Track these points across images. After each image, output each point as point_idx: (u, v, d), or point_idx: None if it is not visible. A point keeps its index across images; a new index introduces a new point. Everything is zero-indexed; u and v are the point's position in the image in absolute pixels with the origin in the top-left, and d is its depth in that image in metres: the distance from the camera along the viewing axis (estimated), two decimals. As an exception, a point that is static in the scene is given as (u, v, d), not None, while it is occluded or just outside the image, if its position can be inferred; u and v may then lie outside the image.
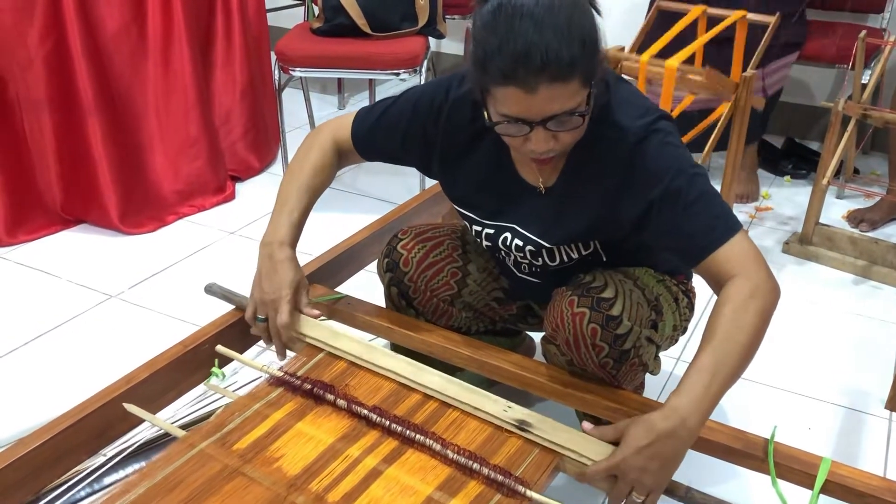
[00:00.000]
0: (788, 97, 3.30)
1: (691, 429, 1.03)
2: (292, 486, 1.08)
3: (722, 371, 1.05)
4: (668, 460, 1.04)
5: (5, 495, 1.14)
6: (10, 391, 1.81)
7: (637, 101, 1.22)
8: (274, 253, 1.33)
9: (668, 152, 1.17)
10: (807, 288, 2.29)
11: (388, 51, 2.59)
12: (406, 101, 1.36)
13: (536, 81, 1.03)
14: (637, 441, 1.04)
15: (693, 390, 1.04)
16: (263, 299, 1.33)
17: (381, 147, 1.40)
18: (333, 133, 1.42)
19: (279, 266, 1.32)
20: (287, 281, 1.32)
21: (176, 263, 2.37)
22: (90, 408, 1.22)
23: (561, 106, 1.06)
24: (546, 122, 1.08)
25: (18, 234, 2.45)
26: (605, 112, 1.19)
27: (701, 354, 1.07)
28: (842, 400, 1.84)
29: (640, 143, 1.16)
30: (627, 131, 1.17)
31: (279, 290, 1.31)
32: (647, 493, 1.05)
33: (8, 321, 2.07)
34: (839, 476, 1.13)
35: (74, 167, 2.45)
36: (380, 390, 1.27)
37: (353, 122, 1.40)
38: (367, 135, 1.39)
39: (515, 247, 1.33)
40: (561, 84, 1.04)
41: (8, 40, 2.25)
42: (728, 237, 1.12)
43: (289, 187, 1.39)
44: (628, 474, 1.04)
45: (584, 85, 1.07)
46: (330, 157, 1.41)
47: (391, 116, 1.36)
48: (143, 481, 1.09)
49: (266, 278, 1.33)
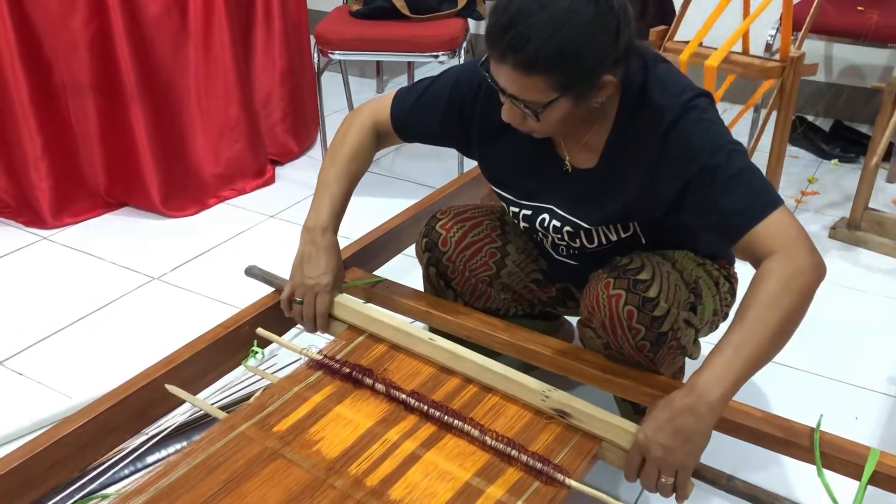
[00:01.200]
0: (836, 78, 3.22)
1: (710, 403, 1.01)
2: (331, 469, 1.09)
3: (747, 349, 1.02)
4: (691, 436, 1.02)
5: (52, 472, 1.16)
6: (56, 371, 1.84)
7: (675, 79, 1.20)
8: (317, 238, 1.35)
9: (704, 128, 1.15)
10: (854, 274, 2.23)
11: (427, 33, 2.57)
12: (444, 82, 1.35)
13: (503, 57, 1.07)
14: (657, 418, 1.03)
15: (714, 367, 1.02)
16: (305, 283, 1.34)
17: (420, 128, 1.40)
18: (373, 114, 1.42)
19: (321, 252, 1.34)
20: (330, 267, 1.34)
21: (217, 246, 2.39)
22: (132, 388, 1.24)
23: (519, 91, 1.10)
24: (510, 97, 1.12)
25: (63, 216, 2.49)
26: (643, 91, 1.17)
27: (728, 332, 1.05)
28: (891, 389, 1.79)
29: (677, 121, 1.14)
30: (664, 109, 1.15)
31: (321, 275, 1.33)
32: (673, 472, 1.03)
33: (53, 302, 2.11)
34: (888, 467, 1.11)
35: (117, 151, 2.48)
36: (418, 374, 1.27)
37: (391, 103, 1.40)
38: (405, 116, 1.39)
39: (553, 228, 1.31)
40: (522, 73, 1.07)
41: (53, 25, 2.28)
42: (767, 213, 1.09)
43: (329, 171, 1.39)
44: (652, 452, 1.03)
45: (551, 87, 1.08)
46: (368, 138, 1.41)
47: (430, 97, 1.36)
48: (184, 462, 1.11)
49: (308, 263, 1.34)
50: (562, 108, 1.11)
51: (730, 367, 1.02)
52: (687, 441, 1.02)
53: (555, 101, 1.09)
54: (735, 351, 1.02)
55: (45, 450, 1.14)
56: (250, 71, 2.75)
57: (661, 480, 1.04)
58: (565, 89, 1.08)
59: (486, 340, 1.38)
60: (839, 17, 2.77)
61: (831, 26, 2.76)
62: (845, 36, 2.74)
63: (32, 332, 1.98)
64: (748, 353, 1.02)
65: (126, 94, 2.39)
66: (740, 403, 1.21)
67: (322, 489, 1.05)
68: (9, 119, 2.34)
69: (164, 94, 2.48)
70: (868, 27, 2.62)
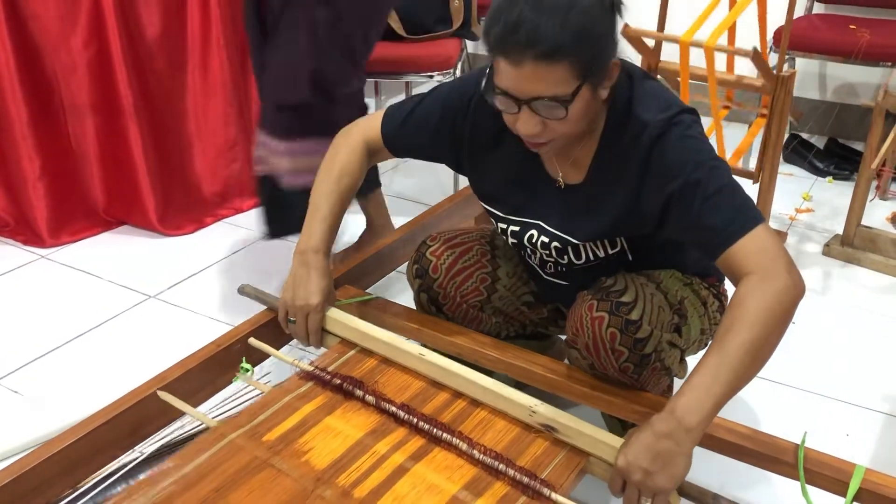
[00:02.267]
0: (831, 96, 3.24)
1: (689, 428, 1.01)
2: (319, 480, 1.10)
3: (726, 372, 1.03)
4: (670, 461, 1.02)
5: (43, 488, 1.17)
6: (52, 388, 1.85)
7: (660, 95, 1.21)
8: (308, 260, 1.37)
9: (687, 145, 1.16)
10: (847, 291, 2.23)
11: (423, 53, 2.60)
12: (436, 97, 1.37)
13: (522, 56, 1.06)
14: (637, 443, 1.04)
15: (694, 390, 1.03)
16: (295, 304, 1.36)
17: (412, 143, 1.41)
18: (363, 132, 1.44)
19: (312, 273, 1.36)
20: (319, 288, 1.36)
21: (213, 264, 2.40)
22: (125, 405, 1.25)
23: (545, 88, 1.08)
24: (531, 103, 1.10)
25: (62, 235, 2.50)
26: (628, 107, 1.19)
27: (707, 355, 1.05)
28: (882, 406, 1.79)
29: (661, 137, 1.16)
30: (649, 125, 1.17)
31: (311, 296, 1.35)
32: (653, 494, 1.04)
33: (50, 321, 2.12)
34: (873, 484, 1.11)
35: (116, 170, 2.50)
36: (408, 388, 1.28)
37: (382, 119, 1.42)
38: (397, 131, 1.41)
39: (542, 244, 1.32)
40: (545, 65, 1.06)
41: (54, 47, 2.31)
42: (746, 230, 1.10)
43: (320, 192, 1.41)
44: (632, 476, 1.04)
45: (574, 75, 1.08)
46: (358, 156, 1.43)
47: (421, 112, 1.38)
48: (174, 472, 1.11)
49: (300, 285, 1.36)
50: (584, 98, 1.11)
51: (709, 391, 1.02)
52: (666, 466, 1.02)
53: (579, 89, 1.09)
54: (714, 374, 1.03)
55: (36, 467, 1.14)
56: (248, 90, 2.77)
57: (641, 502, 1.05)
58: (586, 74, 1.09)
59: (477, 358, 1.39)
60: (831, 34, 2.80)
61: (823, 44, 2.79)
62: (837, 54, 2.76)
63: (29, 351, 1.98)
64: (727, 377, 1.03)
65: (125, 115, 2.41)
66: (727, 420, 1.21)
67: (310, 499, 1.06)
68: (8, 139, 2.37)
69: (163, 114, 2.51)
70: (859, 46, 2.65)
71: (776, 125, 2.16)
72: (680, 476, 1.04)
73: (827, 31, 2.83)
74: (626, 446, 1.06)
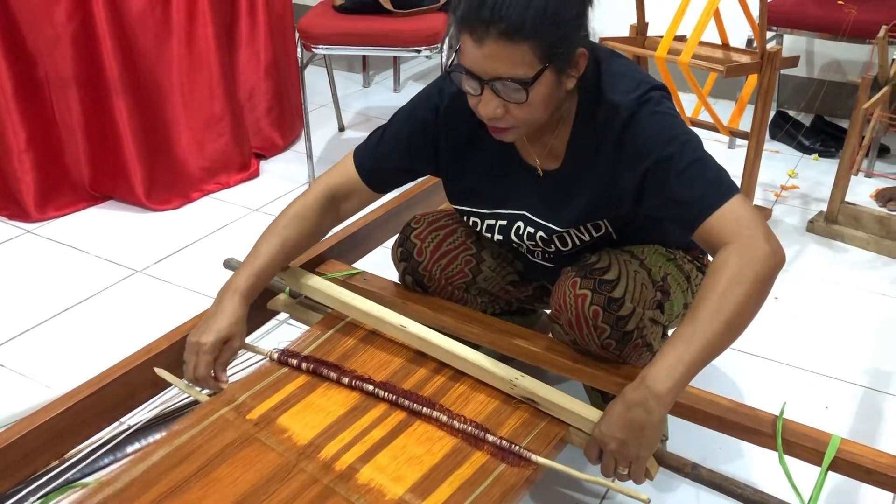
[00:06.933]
0: (818, 73, 3.25)
1: (659, 396, 1.03)
2: (302, 454, 1.11)
3: (698, 340, 1.04)
4: (641, 430, 1.05)
5: (29, 459, 1.18)
6: (38, 362, 1.86)
7: (629, 74, 1.21)
8: (223, 298, 1.30)
9: (658, 121, 1.16)
10: (830, 267, 2.26)
11: (410, 28, 2.59)
12: (400, 117, 1.36)
13: (485, 33, 1.05)
14: (611, 413, 1.07)
15: (665, 359, 1.04)
16: (189, 340, 1.28)
17: (390, 166, 1.38)
18: (325, 181, 1.40)
19: (220, 312, 1.28)
20: (217, 328, 1.27)
21: (200, 239, 2.41)
22: (111, 376, 1.26)
23: (506, 68, 1.07)
24: (492, 83, 1.09)
25: (48, 209, 2.51)
26: (598, 90, 1.19)
27: (682, 324, 1.07)
28: (861, 379, 1.82)
29: (632, 116, 1.16)
30: (619, 107, 1.17)
31: (206, 335, 1.26)
32: (628, 462, 1.07)
33: (36, 295, 2.12)
34: (848, 453, 1.13)
35: (102, 144, 2.50)
36: (390, 364, 1.29)
37: (353, 159, 1.39)
38: (370, 161, 1.38)
39: (528, 235, 1.33)
40: (508, 44, 1.05)
41: (36, 19, 2.29)
42: (721, 202, 1.11)
43: (261, 237, 1.36)
44: (607, 445, 1.07)
45: (536, 57, 1.07)
46: (312, 205, 1.37)
47: (390, 134, 1.36)
48: (164, 445, 1.13)
49: (205, 320, 1.29)
50: (546, 83, 1.10)
51: (680, 358, 1.04)
52: (639, 434, 1.05)
53: (541, 73, 1.09)
54: (686, 343, 1.04)
55: (21, 437, 1.15)
56: (234, 64, 2.77)
57: (618, 470, 1.08)
58: (549, 58, 1.08)
59: (461, 332, 1.40)
60: (818, 11, 2.81)
61: (810, 21, 2.80)
62: (824, 31, 2.77)
63: (15, 325, 1.99)
64: (700, 345, 1.04)
65: (110, 88, 2.40)
66: (707, 392, 1.23)
67: (293, 473, 1.08)
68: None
69: (148, 87, 2.50)
70: (846, 22, 2.65)
71: (762, 103, 2.17)
72: (652, 443, 1.06)
73: (815, 8, 2.83)
74: (602, 417, 1.09)
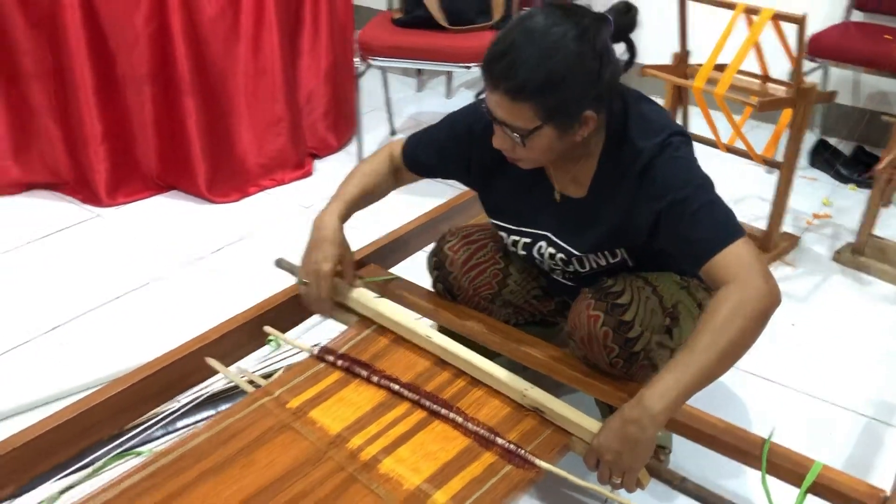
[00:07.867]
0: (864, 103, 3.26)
1: (654, 415, 1.15)
2: (332, 444, 1.26)
3: (694, 368, 1.15)
4: (635, 444, 1.16)
5: (92, 430, 1.35)
6: (101, 341, 2.04)
7: (654, 119, 1.32)
8: (321, 225, 1.48)
9: (675, 165, 1.28)
10: (851, 298, 2.31)
11: (463, 44, 2.71)
12: (446, 123, 1.52)
13: (496, 84, 1.20)
14: (609, 426, 1.19)
15: (662, 382, 1.16)
16: (307, 268, 1.48)
17: (427, 161, 1.55)
18: (390, 150, 1.60)
19: (323, 241, 1.47)
20: (329, 254, 1.46)
21: (254, 232, 2.57)
22: (166, 361, 1.42)
23: (508, 117, 1.23)
24: (500, 124, 1.24)
25: (118, 196, 2.71)
26: (624, 131, 1.31)
27: (680, 351, 1.18)
28: (867, 410, 1.89)
29: (653, 160, 1.28)
30: (642, 151, 1.28)
31: (321, 262, 1.46)
32: (622, 473, 1.19)
33: (101, 276, 2.31)
34: (827, 478, 1.22)
35: (170, 139, 2.69)
36: (416, 366, 1.43)
37: (405, 142, 1.58)
38: (414, 150, 1.56)
39: (549, 255, 1.46)
40: (510, 100, 1.20)
41: (119, 21, 2.49)
42: (727, 243, 1.21)
43: (346, 181, 1.57)
44: (603, 456, 1.19)
45: (536, 116, 1.20)
46: (384, 166, 1.58)
47: (432, 134, 1.53)
48: (209, 429, 1.28)
49: (312, 250, 1.48)
50: (546, 136, 1.24)
51: (676, 383, 1.15)
52: (633, 448, 1.17)
53: (539, 128, 1.22)
54: (683, 369, 1.16)
55: (87, 410, 1.32)
56: (296, 70, 2.93)
57: (612, 478, 1.20)
58: (549, 118, 1.21)
59: (484, 339, 1.52)
60: (865, 44, 2.82)
61: (856, 54, 2.82)
62: (869, 65, 2.80)
63: (79, 305, 2.17)
64: (694, 372, 1.15)
65: (180, 87, 2.59)
66: (703, 412, 1.34)
67: (322, 461, 1.22)
68: (74, 105, 2.56)
69: (215, 88, 2.68)
70: (892, 59, 2.68)
71: (795, 136, 2.24)
72: (645, 456, 1.18)
73: (860, 41, 2.85)
74: (601, 429, 1.21)
